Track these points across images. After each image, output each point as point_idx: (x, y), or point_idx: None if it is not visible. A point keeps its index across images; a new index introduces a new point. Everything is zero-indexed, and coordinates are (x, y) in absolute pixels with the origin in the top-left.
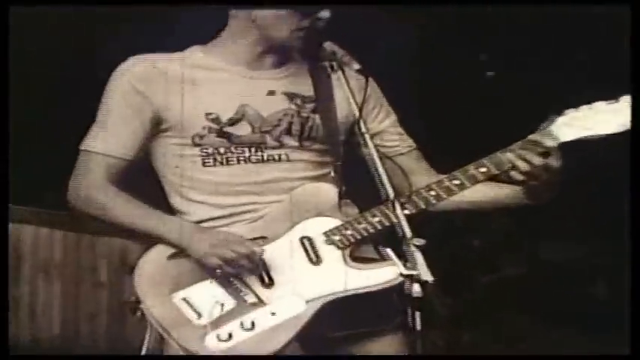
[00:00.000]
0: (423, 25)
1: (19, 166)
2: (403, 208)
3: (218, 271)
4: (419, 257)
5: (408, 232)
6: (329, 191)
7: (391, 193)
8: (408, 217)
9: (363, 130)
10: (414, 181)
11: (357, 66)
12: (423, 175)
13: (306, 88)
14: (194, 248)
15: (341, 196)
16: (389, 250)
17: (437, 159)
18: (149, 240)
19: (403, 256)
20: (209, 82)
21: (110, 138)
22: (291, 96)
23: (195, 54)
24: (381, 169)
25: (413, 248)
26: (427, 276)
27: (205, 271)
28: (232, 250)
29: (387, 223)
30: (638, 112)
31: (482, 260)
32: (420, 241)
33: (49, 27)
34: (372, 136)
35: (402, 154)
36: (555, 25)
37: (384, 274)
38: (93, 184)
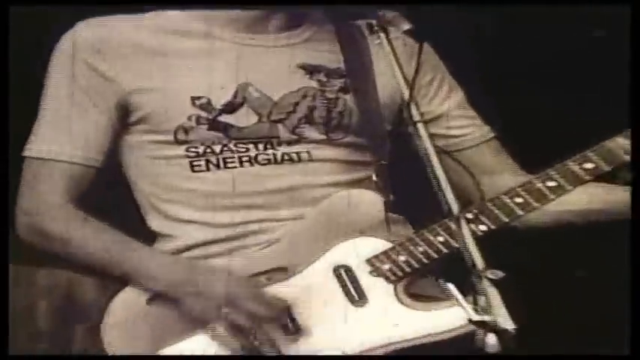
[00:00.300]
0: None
1: (19, 166)
2: (475, 222)
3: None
4: (495, 296)
5: (480, 260)
6: (372, 202)
7: (454, 204)
8: (482, 237)
9: (415, 114)
10: (491, 185)
11: (406, 25)
12: (504, 175)
13: (332, 57)
14: (189, 305)
15: (389, 208)
16: (451, 286)
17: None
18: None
19: (472, 294)
20: (195, 53)
21: (65, 138)
22: (311, 69)
23: (173, 16)
24: (439, 170)
25: (486, 283)
26: (507, 323)
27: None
28: (247, 313)
29: (454, 246)
30: (638, 112)
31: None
32: (497, 274)
33: (49, 27)
34: (427, 123)
35: (472, 146)
36: (555, 24)
37: (446, 318)
38: (47, 206)
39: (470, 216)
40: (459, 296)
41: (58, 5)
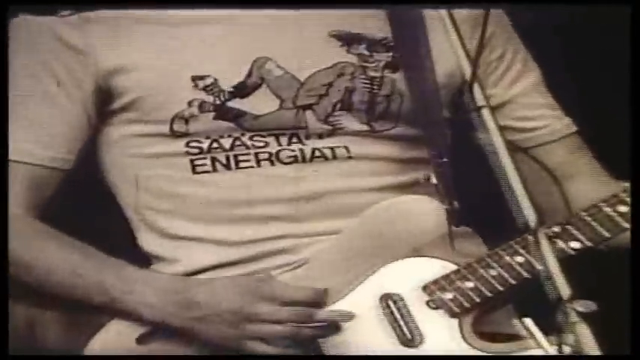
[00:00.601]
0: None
1: None
2: (564, 239)
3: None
4: (585, 333)
5: (566, 289)
6: (430, 211)
7: (532, 214)
8: (568, 260)
9: (479, 98)
10: (575, 192)
11: None
12: (588, 180)
13: (376, 24)
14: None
15: (453, 220)
16: (529, 321)
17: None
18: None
19: (556, 331)
20: (196, 19)
21: (26, 133)
22: (349, 39)
23: None
24: (511, 171)
25: (575, 318)
26: None
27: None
28: (280, 301)
29: (538, 269)
30: (638, 112)
31: None
32: (589, 306)
33: None
34: (495, 110)
35: (549, 142)
36: (554, 24)
37: None
38: (10, 220)
39: (557, 229)
40: (540, 335)
41: (58, 5)
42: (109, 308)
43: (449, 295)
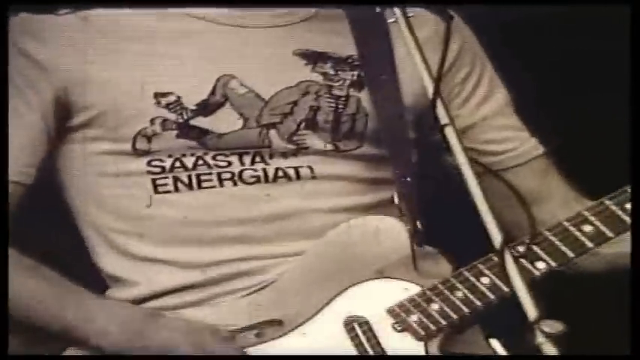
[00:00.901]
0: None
1: None
2: (530, 258)
3: None
4: (552, 352)
5: (533, 310)
6: (394, 231)
7: (498, 234)
8: (536, 281)
9: (442, 116)
10: (546, 213)
11: None
12: (558, 202)
13: (341, 41)
14: None
15: (416, 240)
16: (495, 343)
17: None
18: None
19: (523, 351)
20: (160, 34)
21: None
22: (314, 58)
23: None
24: (476, 191)
25: (541, 339)
26: None
27: None
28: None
29: (504, 291)
30: (638, 112)
31: None
32: (557, 327)
33: None
34: (461, 133)
35: (515, 166)
36: (554, 24)
37: None
38: None
39: (521, 249)
40: (506, 355)
41: (58, 5)
42: (67, 336)
43: (414, 318)
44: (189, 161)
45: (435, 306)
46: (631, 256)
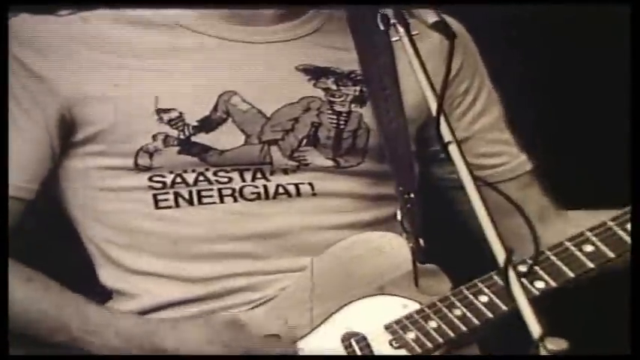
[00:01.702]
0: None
1: None
2: (530, 278)
3: None
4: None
5: (536, 327)
6: (395, 248)
7: (501, 252)
8: (538, 298)
9: (446, 134)
10: (520, 227)
11: (434, 17)
12: (534, 215)
13: (344, 56)
14: None
15: (418, 257)
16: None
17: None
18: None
19: None
20: (162, 51)
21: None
22: (316, 72)
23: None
24: (480, 207)
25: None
26: None
27: None
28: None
29: (502, 309)
30: (638, 112)
31: None
32: (560, 344)
33: None
34: (461, 144)
35: (508, 179)
36: (554, 24)
37: None
38: None
39: (523, 269)
40: None
41: (58, 5)
42: (69, 348)
43: (411, 335)
44: (190, 177)
45: (432, 324)
46: (631, 254)
